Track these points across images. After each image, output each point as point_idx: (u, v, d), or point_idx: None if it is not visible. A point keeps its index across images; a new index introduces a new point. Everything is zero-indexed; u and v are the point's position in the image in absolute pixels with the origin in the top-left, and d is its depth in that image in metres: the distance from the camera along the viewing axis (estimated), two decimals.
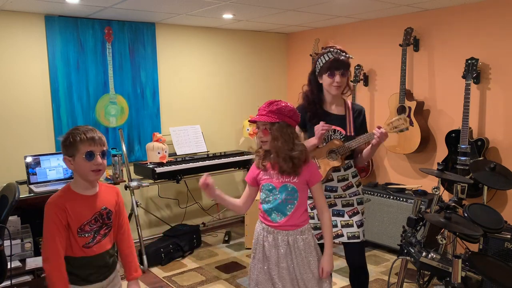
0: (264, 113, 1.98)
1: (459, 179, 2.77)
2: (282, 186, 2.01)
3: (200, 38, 4.62)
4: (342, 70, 2.37)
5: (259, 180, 2.08)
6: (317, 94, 2.49)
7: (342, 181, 2.46)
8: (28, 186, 3.38)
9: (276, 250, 2.03)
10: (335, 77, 2.37)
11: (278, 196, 2.02)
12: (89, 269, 1.84)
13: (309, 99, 2.51)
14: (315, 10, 3.80)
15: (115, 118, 4.14)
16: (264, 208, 2.07)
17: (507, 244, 2.72)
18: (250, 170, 2.14)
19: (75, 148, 1.77)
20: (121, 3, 3.36)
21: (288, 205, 2.03)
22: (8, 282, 2.92)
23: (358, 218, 2.46)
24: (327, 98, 2.49)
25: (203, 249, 4.21)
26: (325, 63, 2.40)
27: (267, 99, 2.12)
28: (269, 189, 2.04)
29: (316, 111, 2.46)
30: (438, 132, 3.85)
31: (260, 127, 2.02)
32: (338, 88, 2.40)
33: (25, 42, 3.64)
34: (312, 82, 2.52)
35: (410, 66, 4.00)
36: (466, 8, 3.59)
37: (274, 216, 2.04)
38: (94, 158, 1.77)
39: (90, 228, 1.83)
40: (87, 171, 1.78)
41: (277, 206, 2.03)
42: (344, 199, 2.46)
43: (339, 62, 2.37)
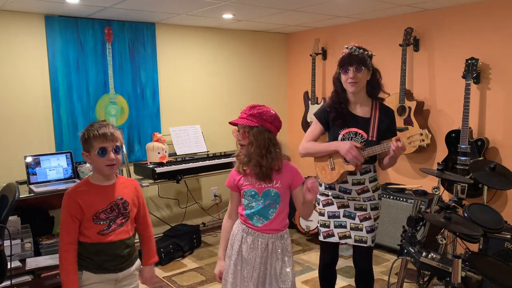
0: (244, 116, 1.96)
1: (459, 179, 2.77)
2: (265, 191, 2.00)
3: (200, 38, 4.62)
4: (355, 65, 2.30)
5: (240, 185, 2.05)
6: (342, 95, 2.42)
7: (357, 185, 2.42)
8: (28, 186, 3.38)
9: (255, 252, 2.01)
10: (348, 73, 2.31)
11: (261, 201, 2.00)
12: (104, 256, 1.90)
13: (334, 100, 2.45)
14: (315, 10, 3.80)
15: (115, 118, 4.14)
16: (246, 213, 2.04)
17: (507, 244, 2.72)
18: (230, 176, 2.10)
19: (90, 145, 1.86)
20: (121, 3, 3.36)
21: (270, 209, 2.01)
22: (8, 282, 2.91)
23: (369, 223, 2.42)
24: (350, 98, 2.42)
25: (203, 249, 4.21)
26: (339, 61, 2.36)
27: (267, 99, 2.12)
28: (251, 195, 2.02)
29: (340, 111, 2.40)
30: (438, 132, 3.85)
31: (240, 130, 2.00)
32: (354, 85, 2.32)
33: (25, 42, 3.64)
34: (336, 83, 2.45)
35: (410, 66, 4.00)
36: (466, 8, 3.59)
37: (256, 220, 2.02)
38: (106, 154, 1.86)
39: (106, 216, 1.90)
40: (102, 166, 1.88)
41: (259, 210, 2.01)
42: (358, 202, 2.44)
43: (351, 57, 2.31)
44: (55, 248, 3.49)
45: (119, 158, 1.91)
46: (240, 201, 2.09)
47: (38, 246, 3.45)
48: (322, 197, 2.51)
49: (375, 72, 2.41)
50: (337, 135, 2.41)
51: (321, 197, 2.52)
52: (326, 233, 2.50)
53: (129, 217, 1.98)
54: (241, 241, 2.04)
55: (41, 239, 3.49)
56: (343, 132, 2.40)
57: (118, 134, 1.92)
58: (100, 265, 1.91)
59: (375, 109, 2.40)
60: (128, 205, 1.97)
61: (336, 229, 2.47)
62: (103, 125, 1.89)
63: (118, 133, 1.92)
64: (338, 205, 2.47)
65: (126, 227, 1.96)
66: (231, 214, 2.14)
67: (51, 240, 3.50)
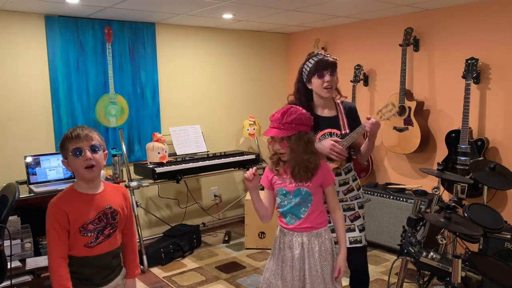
0: (278, 126, 1.96)
1: (459, 179, 2.77)
2: (296, 190, 2.02)
3: (200, 38, 4.62)
4: (330, 70, 2.36)
5: (274, 184, 2.09)
6: (305, 101, 2.46)
7: (343, 185, 2.44)
8: (28, 186, 3.38)
9: (291, 252, 2.03)
10: (324, 77, 2.35)
11: (292, 200, 2.04)
12: (91, 269, 1.81)
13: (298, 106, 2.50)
14: (315, 10, 3.80)
15: (115, 118, 4.14)
16: (280, 211, 2.10)
17: (507, 244, 2.72)
18: (264, 174, 2.14)
19: (65, 149, 1.77)
20: (121, 3, 3.36)
21: (302, 208, 2.04)
22: (8, 282, 2.91)
23: (360, 222, 2.44)
24: (318, 103, 2.47)
25: (203, 249, 4.21)
26: (311, 66, 2.40)
27: (267, 99, 2.13)
28: (283, 194, 2.06)
29: None
30: (438, 132, 3.85)
31: (276, 140, 1.99)
32: (330, 90, 2.38)
33: (25, 42, 3.64)
34: (300, 90, 2.49)
35: (410, 66, 4.00)
36: (466, 8, 3.59)
37: (289, 219, 2.06)
38: (82, 154, 1.74)
39: (94, 227, 1.79)
40: (80, 169, 1.75)
41: (290, 209, 2.04)
42: (346, 203, 2.45)
43: (325, 62, 2.37)
44: None
45: (98, 157, 1.77)
46: (272, 200, 2.13)
47: (38, 246, 3.45)
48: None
49: None
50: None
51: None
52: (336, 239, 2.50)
53: (117, 227, 1.87)
54: (279, 241, 2.09)
55: (41, 239, 3.49)
56: (318, 135, 2.42)
57: (94, 135, 1.79)
58: (88, 279, 1.81)
59: (339, 106, 2.48)
60: (117, 214, 1.86)
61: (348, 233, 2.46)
62: (78, 127, 1.79)
63: (94, 134, 1.80)
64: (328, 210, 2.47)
65: (114, 237, 1.86)
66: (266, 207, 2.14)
67: None
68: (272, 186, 2.11)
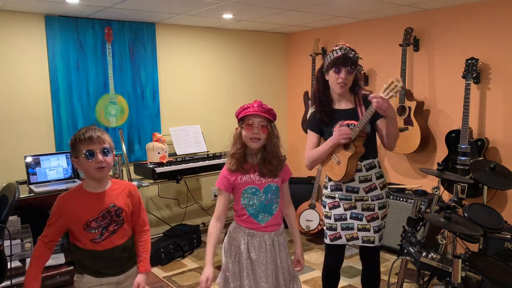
0: (263, 111, 1.99)
1: (459, 179, 2.77)
2: (266, 186, 2.01)
3: (200, 38, 4.62)
4: (348, 68, 2.32)
5: (238, 185, 2.02)
6: (323, 92, 2.44)
7: (364, 182, 2.40)
8: (28, 186, 3.38)
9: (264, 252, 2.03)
10: (340, 74, 2.32)
11: (263, 197, 2.01)
12: (100, 262, 1.89)
13: (316, 98, 2.48)
14: (315, 10, 3.80)
15: (115, 118, 4.14)
16: (249, 212, 2.03)
17: (507, 244, 2.72)
18: (221, 176, 2.05)
19: (77, 149, 1.83)
20: (121, 3, 3.36)
21: (274, 204, 2.05)
22: (8, 282, 2.91)
23: (377, 223, 2.42)
24: (334, 96, 2.45)
25: (203, 249, 4.20)
26: (332, 59, 2.35)
27: (267, 99, 2.14)
28: (252, 192, 2.02)
29: (324, 110, 2.43)
30: (438, 132, 3.85)
31: (255, 124, 1.98)
32: (343, 87, 2.35)
33: (25, 42, 3.64)
34: (319, 80, 2.46)
35: (410, 66, 4.00)
36: (466, 8, 3.59)
37: (261, 217, 2.03)
38: (94, 156, 1.81)
39: (97, 225, 1.86)
40: (91, 170, 1.83)
41: (263, 207, 2.02)
42: (365, 202, 2.42)
43: (346, 58, 2.32)
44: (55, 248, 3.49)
45: (108, 160, 1.85)
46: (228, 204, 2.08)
47: None
48: (329, 200, 2.50)
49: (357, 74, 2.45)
50: (331, 133, 2.42)
51: (327, 200, 2.51)
52: (333, 236, 2.49)
53: (123, 224, 1.93)
54: (246, 245, 2.03)
55: None
56: (336, 128, 2.40)
57: (105, 137, 1.86)
58: (98, 270, 1.90)
59: (359, 99, 2.45)
60: (121, 211, 1.92)
61: (343, 231, 2.45)
62: (90, 128, 1.85)
63: (106, 136, 1.87)
64: (345, 207, 2.45)
65: (119, 233, 1.92)
66: (219, 217, 2.06)
67: None
68: (233, 187, 2.04)
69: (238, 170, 2.02)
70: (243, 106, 2.04)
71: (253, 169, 2.02)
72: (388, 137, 2.38)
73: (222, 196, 2.06)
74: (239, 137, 2.03)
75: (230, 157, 2.04)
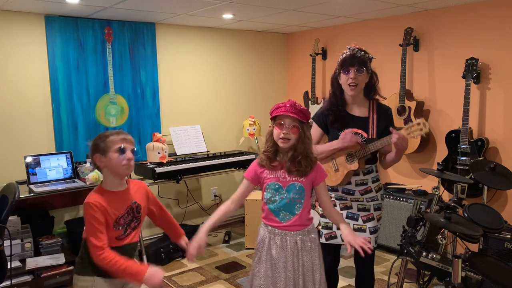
0: (294, 111, 1.95)
1: (459, 179, 2.77)
2: (290, 185, 2.00)
3: (200, 38, 4.62)
4: (357, 67, 2.29)
5: (263, 178, 2.04)
6: (339, 96, 2.42)
7: (360, 185, 2.41)
8: (28, 186, 3.38)
9: (285, 252, 2.00)
10: (349, 74, 2.30)
11: (285, 195, 2.00)
12: None
13: (332, 102, 2.45)
14: (315, 10, 3.80)
15: (115, 118, 4.14)
16: (270, 208, 2.03)
17: (507, 244, 2.72)
18: (251, 167, 2.09)
19: (108, 146, 1.89)
20: (121, 3, 3.36)
21: (296, 204, 2.01)
22: (8, 282, 2.91)
23: (372, 224, 2.42)
24: (348, 99, 2.42)
25: None
26: (341, 60, 2.35)
27: (267, 99, 2.13)
28: (275, 188, 2.01)
29: (338, 114, 2.40)
30: (438, 132, 3.85)
31: (286, 124, 1.96)
32: (354, 88, 2.32)
33: (25, 42, 3.64)
34: (334, 84, 2.45)
35: (410, 66, 4.00)
36: (466, 8, 3.59)
37: (283, 216, 2.02)
38: (125, 153, 1.90)
39: (124, 222, 1.93)
40: (119, 166, 1.89)
41: (285, 205, 2.01)
42: (361, 203, 2.43)
43: (354, 58, 2.30)
44: (55, 248, 3.50)
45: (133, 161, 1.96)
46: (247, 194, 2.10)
47: (38, 246, 3.45)
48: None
49: (372, 75, 2.41)
50: (337, 137, 2.41)
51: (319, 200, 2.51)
52: (328, 235, 2.49)
53: (140, 221, 2.01)
54: (269, 243, 2.03)
55: (41, 239, 3.49)
56: (343, 133, 2.40)
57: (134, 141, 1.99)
58: None
59: (373, 108, 2.41)
60: (141, 208, 2.00)
61: (339, 230, 2.46)
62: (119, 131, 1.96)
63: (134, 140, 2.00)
64: (341, 207, 2.46)
65: (137, 231, 2.01)
66: (234, 200, 2.09)
67: (51, 240, 3.51)
68: (258, 180, 2.06)
69: (267, 166, 2.03)
70: (277, 105, 2.01)
71: (280, 166, 2.02)
72: (388, 161, 2.41)
73: (245, 184, 2.09)
74: (270, 135, 2.02)
75: (262, 153, 2.06)
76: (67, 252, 3.53)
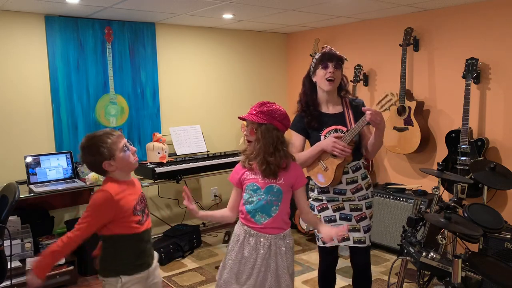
0: (254, 113, 1.97)
1: (459, 179, 2.78)
2: (268, 187, 1.99)
3: (200, 38, 4.62)
4: (335, 62, 2.36)
5: (243, 180, 2.05)
6: (310, 96, 2.47)
7: (351, 184, 2.42)
8: (28, 186, 3.38)
9: (256, 253, 2.00)
10: (328, 68, 2.35)
11: (263, 196, 2.00)
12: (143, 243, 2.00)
13: (302, 102, 2.50)
14: (315, 10, 3.80)
15: (115, 118, 4.14)
16: (247, 209, 2.03)
17: (507, 244, 2.72)
18: (234, 171, 2.12)
19: (113, 149, 1.91)
20: (121, 3, 3.36)
21: (273, 206, 2.01)
22: (8, 282, 2.92)
23: (366, 223, 2.43)
24: (322, 98, 2.46)
25: (203, 249, 4.21)
26: (319, 56, 2.40)
27: (267, 99, 2.12)
28: (253, 189, 2.02)
29: (312, 114, 2.44)
30: (438, 132, 3.85)
31: (248, 126, 2.02)
32: (331, 83, 2.36)
33: (25, 42, 3.64)
34: (305, 84, 2.50)
35: (410, 66, 4.00)
36: (466, 8, 3.59)
37: (258, 217, 2.01)
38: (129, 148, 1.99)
39: (140, 207, 2.00)
40: (131, 161, 1.98)
41: (261, 206, 2.00)
42: (353, 202, 2.43)
43: (331, 54, 2.37)
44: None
45: None
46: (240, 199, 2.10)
47: (38, 246, 3.45)
48: (316, 203, 2.50)
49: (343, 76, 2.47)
50: (318, 138, 2.42)
51: (315, 203, 2.51)
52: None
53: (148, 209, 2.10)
54: (243, 242, 2.03)
55: (41, 239, 3.49)
56: (323, 133, 2.41)
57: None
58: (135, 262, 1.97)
59: (346, 104, 2.47)
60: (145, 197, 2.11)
61: None
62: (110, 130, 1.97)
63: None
64: (334, 208, 2.46)
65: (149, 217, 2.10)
66: (230, 208, 2.14)
67: (51, 240, 3.50)
68: (241, 182, 2.07)
69: (245, 166, 2.06)
70: None
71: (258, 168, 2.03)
72: (372, 147, 2.41)
73: (234, 190, 2.14)
74: None
75: (243, 155, 2.09)
76: None
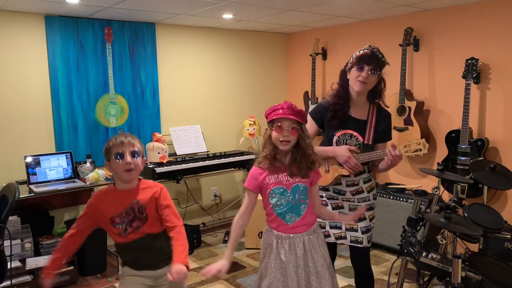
0: (292, 113, 1.93)
1: (459, 179, 2.78)
2: (294, 187, 1.99)
3: (200, 38, 4.62)
4: (372, 66, 2.23)
5: (266, 185, 2.00)
6: (345, 90, 2.35)
7: (351, 186, 2.40)
8: (28, 186, 3.38)
9: (294, 254, 2.00)
10: (363, 71, 2.23)
11: (290, 197, 1.98)
12: (131, 253, 2.02)
13: (340, 94, 2.36)
14: (315, 10, 3.80)
15: (115, 118, 4.14)
16: (277, 212, 2.01)
17: (507, 244, 2.72)
18: (250, 177, 2.04)
19: (109, 152, 1.96)
20: (121, 3, 3.36)
21: (302, 204, 2.01)
22: (8, 282, 2.92)
23: (364, 224, 2.40)
24: (352, 95, 2.35)
25: (203, 249, 4.21)
26: (358, 55, 2.26)
27: (267, 99, 2.12)
28: (280, 192, 1.99)
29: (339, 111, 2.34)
30: (438, 132, 3.85)
31: (285, 127, 1.94)
32: (362, 85, 2.25)
33: (25, 42, 3.64)
34: (343, 77, 2.37)
35: (410, 66, 4.00)
36: (466, 8, 3.59)
37: (289, 218, 2.00)
38: (123, 158, 1.92)
39: (121, 220, 1.96)
40: (120, 171, 1.94)
41: (291, 207, 1.99)
42: (352, 203, 2.42)
43: (372, 57, 2.24)
44: (55, 248, 3.49)
45: (137, 162, 1.97)
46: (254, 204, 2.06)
47: (38, 246, 3.45)
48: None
49: (381, 80, 2.36)
50: (332, 136, 2.38)
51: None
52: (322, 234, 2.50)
53: (147, 221, 1.99)
54: (277, 248, 2.01)
55: (41, 239, 3.49)
56: (338, 134, 2.36)
57: (135, 142, 1.99)
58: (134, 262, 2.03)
59: (373, 111, 2.38)
60: (144, 209, 1.98)
61: (332, 229, 2.46)
62: (123, 134, 1.99)
63: (136, 141, 1.99)
64: (333, 206, 2.46)
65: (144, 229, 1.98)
66: (242, 216, 2.06)
67: (51, 240, 3.50)
68: (261, 188, 2.02)
69: (269, 169, 2.00)
70: (273, 107, 1.98)
71: (283, 168, 2.00)
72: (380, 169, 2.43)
73: (249, 196, 2.05)
74: (269, 138, 1.99)
75: (262, 158, 2.01)
76: None
